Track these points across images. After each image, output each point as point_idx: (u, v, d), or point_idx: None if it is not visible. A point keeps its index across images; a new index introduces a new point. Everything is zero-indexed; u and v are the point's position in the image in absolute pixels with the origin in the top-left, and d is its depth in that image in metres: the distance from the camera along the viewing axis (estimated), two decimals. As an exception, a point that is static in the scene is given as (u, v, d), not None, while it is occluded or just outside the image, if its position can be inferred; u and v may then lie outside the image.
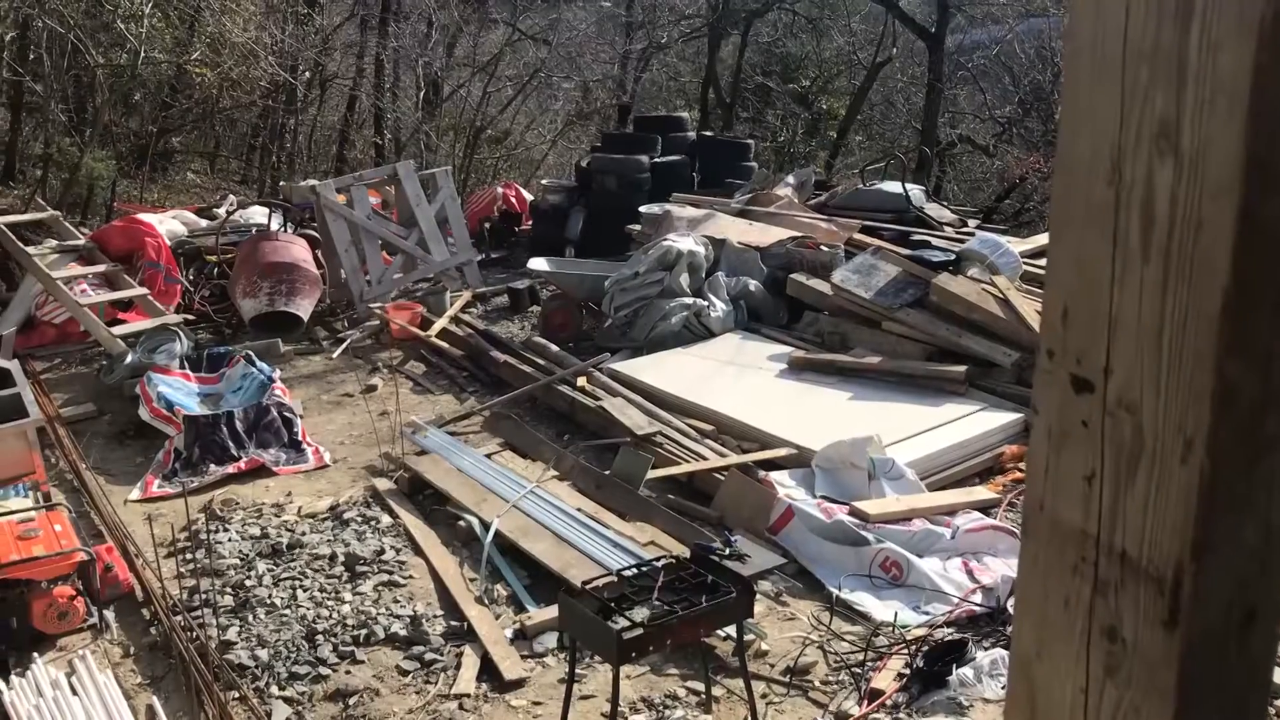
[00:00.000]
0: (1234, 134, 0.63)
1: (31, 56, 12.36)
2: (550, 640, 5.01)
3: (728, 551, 4.54)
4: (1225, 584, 0.70)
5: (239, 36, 12.25)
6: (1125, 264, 0.69)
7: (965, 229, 9.49)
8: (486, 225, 12.36)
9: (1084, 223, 0.71)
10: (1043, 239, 9.48)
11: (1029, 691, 0.79)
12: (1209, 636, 0.70)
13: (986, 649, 4.67)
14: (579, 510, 5.99)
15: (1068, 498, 0.75)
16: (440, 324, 9.03)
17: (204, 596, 5.27)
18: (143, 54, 11.54)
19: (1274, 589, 0.72)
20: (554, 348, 8.32)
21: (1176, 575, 0.69)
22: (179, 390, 7.63)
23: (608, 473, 6.39)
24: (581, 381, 7.66)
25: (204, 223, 10.93)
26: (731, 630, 4.57)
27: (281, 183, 12.87)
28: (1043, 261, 8.69)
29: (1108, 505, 0.73)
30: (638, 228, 10.29)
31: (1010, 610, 4.73)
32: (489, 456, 6.71)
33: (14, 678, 4.73)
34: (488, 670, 4.84)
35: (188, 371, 7.95)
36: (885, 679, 4.58)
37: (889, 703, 4.46)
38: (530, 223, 12.34)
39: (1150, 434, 0.69)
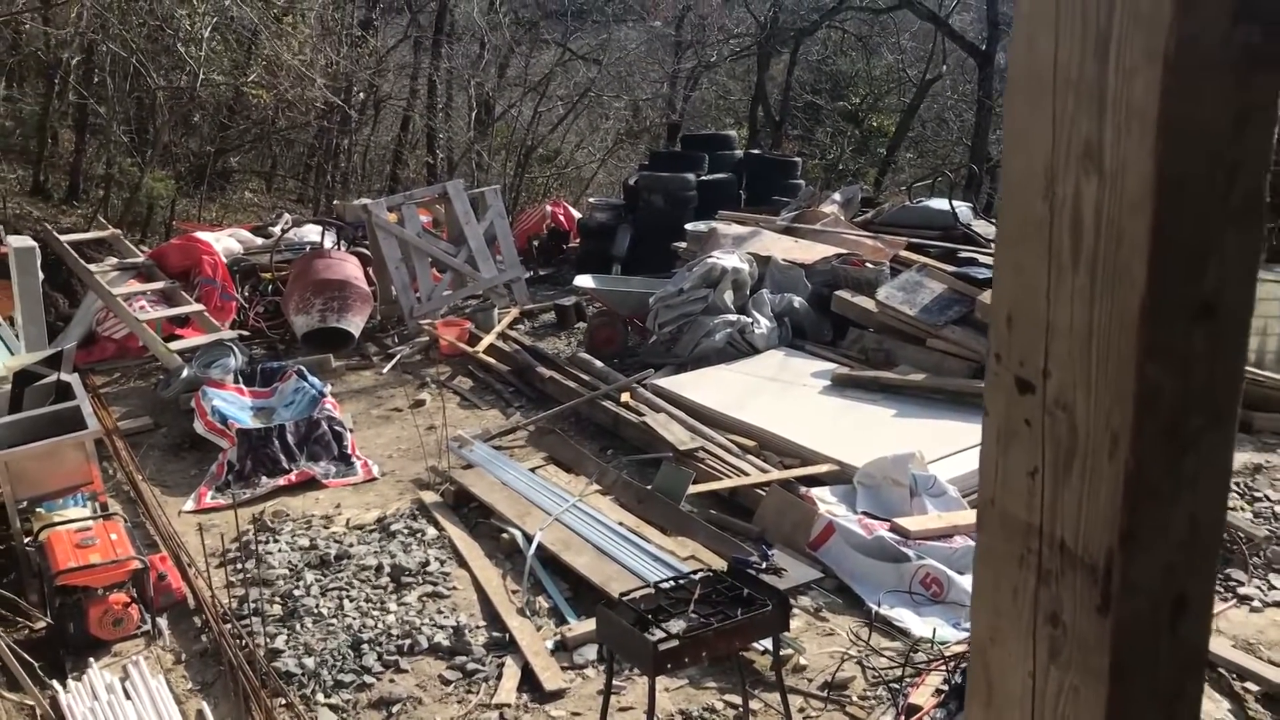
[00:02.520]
0: (1147, 153, 0.68)
1: (95, 80, 12.73)
2: (591, 652, 5.06)
3: (764, 565, 4.57)
4: (1154, 572, 0.75)
5: (294, 59, 12.53)
6: (1058, 274, 0.74)
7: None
8: (535, 243, 12.51)
9: (1023, 236, 0.76)
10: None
11: (985, 677, 0.84)
12: (1140, 621, 0.75)
13: (1025, 666, 4.65)
14: (620, 524, 6.05)
15: (1014, 493, 0.80)
16: (488, 340, 9.15)
17: (253, 605, 5.40)
18: (201, 76, 11.85)
19: (1203, 578, 0.77)
20: (598, 363, 8.41)
21: (1107, 564, 0.74)
22: (232, 404, 7.80)
23: (649, 487, 6.45)
24: (625, 397, 7.73)
25: (259, 241, 11.17)
26: (768, 644, 4.60)
27: (335, 201, 13.11)
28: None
29: (1048, 499, 0.78)
30: (684, 245, 10.37)
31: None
32: (533, 470, 6.80)
33: (70, 681, 4.87)
34: (528, 681, 4.90)
35: (241, 386, 8.13)
36: (923, 695, 4.58)
37: (927, 719, 4.46)
38: (578, 240, 12.46)
39: (1083, 432, 0.74)
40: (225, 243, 10.64)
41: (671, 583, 4.44)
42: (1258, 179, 0.71)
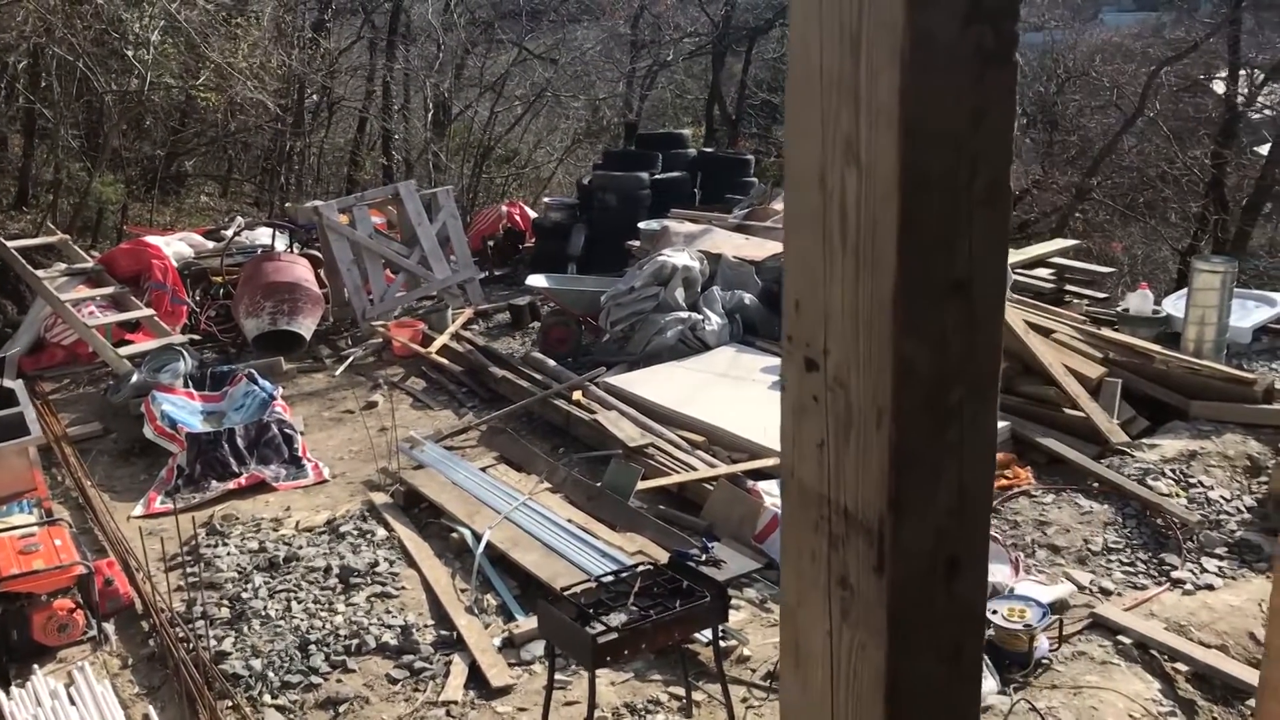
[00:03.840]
0: (892, 148, 0.73)
1: (43, 84, 12.62)
2: (538, 648, 5.11)
3: (704, 558, 4.63)
4: (925, 536, 0.80)
5: (244, 61, 12.47)
6: (831, 259, 0.80)
7: (959, 240, 9.56)
8: (490, 243, 12.51)
9: (803, 225, 0.82)
10: (1035, 249, 9.57)
11: (794, 637, 0.90)
12: (914, 582, 0.80)
13: (963, 652, 4.74)
14: (570, 521, 6.10)
15: (807, 463, 0.86)
16: (441, 341, 9.16)
17: (201, 609, 5.41)
18: (149, 79, 11.77)
19: (974, 541, 0.83)
20: (551, 363, 8.44)
21: (881, 528, 0.79)
22: (183, 409, 7.78)
23: (599, 485, 6.50)
24: (577, 395, 7.78)
25: (211, 244, 11.12)
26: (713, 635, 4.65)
27: (287, 204, 13.06)
28: (1036, 271, 8.78)
29: (833, 469, 0.83)
30: (637, 244, 10.43)
31: (986, 612, 4.82)
32: (484, 470, 6.83)
33: (14, 689, 4.86)
34: (476, 678, 4.95)
35: (191, 390, 8.10)
36: (863, 682, 4.66)
37: (866, 705, 4.54)
38: (533, 240, 12.48)
39: (856, 406, 0.80)
40: (176, 247, 10.58)
41: (612, 577, 4.50)
42: (999, 168, 0.77)
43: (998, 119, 0.76)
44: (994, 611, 4.80)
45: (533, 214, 13.18)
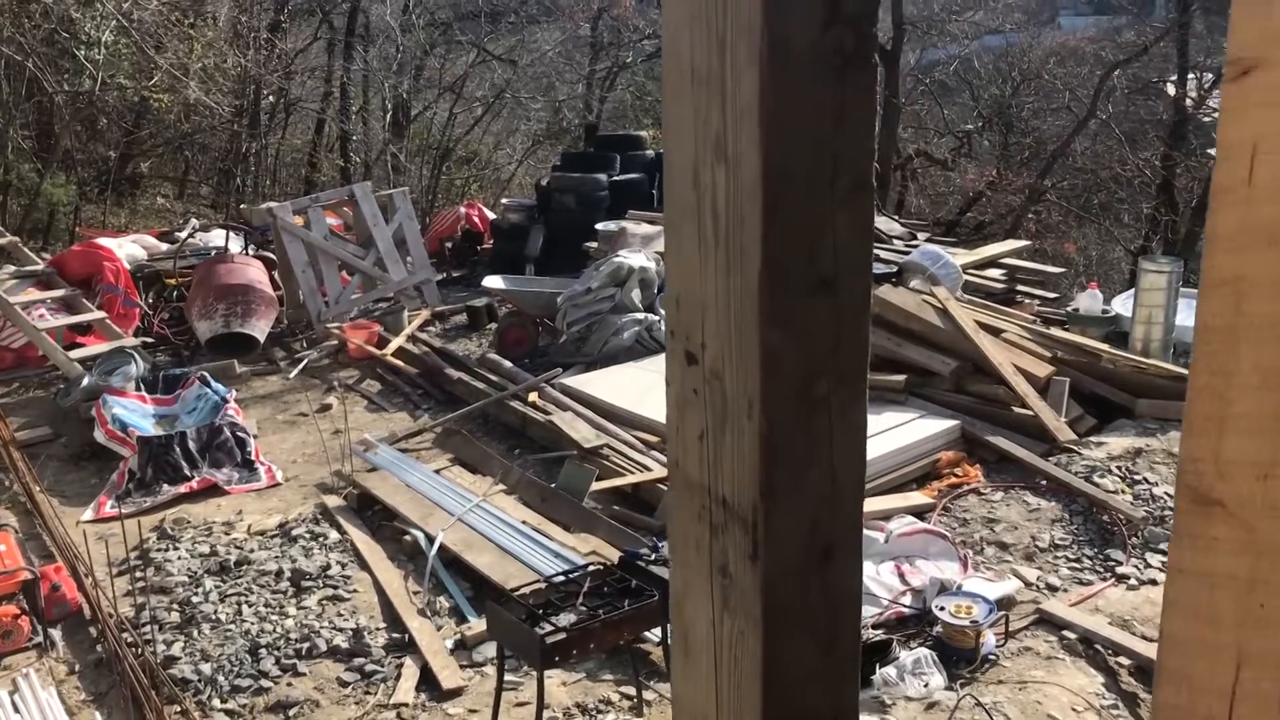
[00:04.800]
0: (755, 146, 0.75)
1: (-9, 85, 12.46)
2: (490, 650, 5.10)
3: (654, 557, 4.65)
4: (798, 523, 0.82)
5: (198, 63, 12.36)
6: (706, 255, 0.82)
7: (914, 242, 9.65)
8: (448, 245, 12.48)
9: (681, 220, 0.84)
10: (988, 250, 9.67)
11: (683, 627, 0.91)
12: (788, 569, 0.82)
13: (911, 649, 4.80)
14: (524, 523, 6.10)
15: (690, 455, 0.88)
16: (396, 343, 9.13)
17: (151, 613, 5.36)
18: (100, 79, 11.64)
19: (848, 529, 0.85)
20: (507, 364, 8.44)
21: (754, 517, 0.81)
22: (134, 412, 7.71)
23: (553, 486, 6.50)
24: (533, 397, 7.78)
25: (165, 246, 11.01)
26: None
27: (242, 206, 12.96)
28: (988, 272, 8.88)
29: (712, 459, 0.85)
30: (595, 245, 10.44)
31: (934, 609, 4.88)
32: (438, 472, 6.82)
33: (-43, 696, 4.80)
34: (427, 680, 4.94)
35: (143, 393, 8.02)
36: (812, 679, 4.69)
37: (815, 702, 4.57)
38: (491, 241, 12.46)
39: (731, 397, 0.82)
40: (129, 249, 10.47)
41: (562, 577, 4.51)
42: (862, 165, 0.79)
43: (859, 119, 0.78)
44: (942, 608, 4.85)
45: (491, 215, 13.16)
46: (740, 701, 0.86)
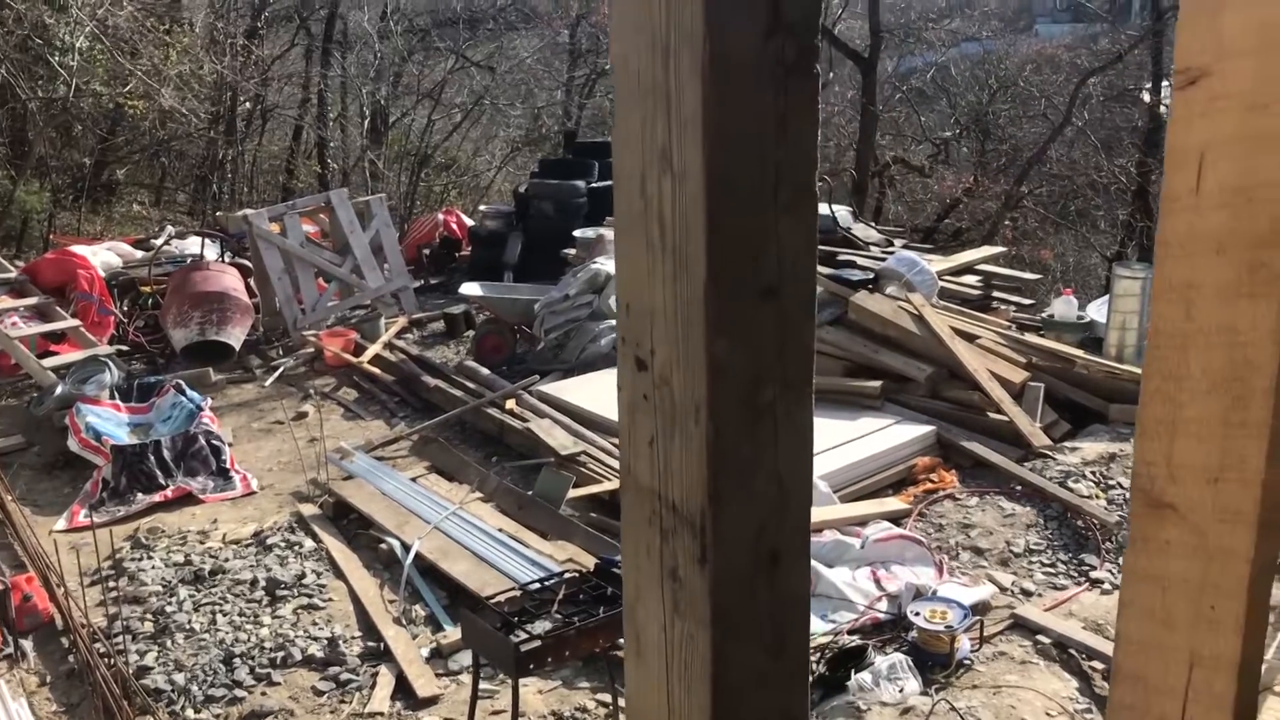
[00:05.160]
0: (699, 156, 0.76)
1: (-37, 92, 12.38)
2: (466, 658, 5.08)
3: (630, 564, 4.66)
4: (745, 528, 0.83)
5: (173, 69, 12.31)
6: (654, 262, 0.83)
7: (890, 248, 9.70)
8: (426, 252, 12.46)
9: (630, 228, 0.85)
10: (964, 256, 9.73)
11: (635, 631, 0.92)
12: (735, 573, 0.83)
13: (887, 654, 4.81)
14: (500, 531, 6.09)
15: (640, 460, 0.88)
16: (373, 350, 9.11)
17: (124, 623, 5.33)
18: (74, 86, 11.58)
19: (795, 533, 0.86)
20: (485, 371, 8.43)
21: (702, 521, 0.82)
22: (108, 421, 7.66)
23: (530, 493, 6.50)
24: (510, 404, 7.77)
25: (140, 254, 10.96)
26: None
27: (218, 213, 12.92)
28: (964, 278, 8.93)
29: (662, 464, 0.86)
30: (573, 251, 10.44)
31: (909, 615, 4.90)
32: (414, 480, 6.80)
33: (-73, 708, 4.76)
34: (402, 689, 4.92)
35: (118, 402, 7.98)
36: (788, 685, 4.70)
37: (791, 708, 4.58)
38: (470, 248, 12.45)
39: (679, 403, 0.83)
40: (103, 256, 10.42)
41: (538, 584, 4.51)
42: (806, 174, 0.80)
43: (801, 128, 0.79)
44: (916, 614, 4.88)
45: (469, 222, 13.15)
46: (690, 704, 0.86)
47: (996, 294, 9.01)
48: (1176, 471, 1.18)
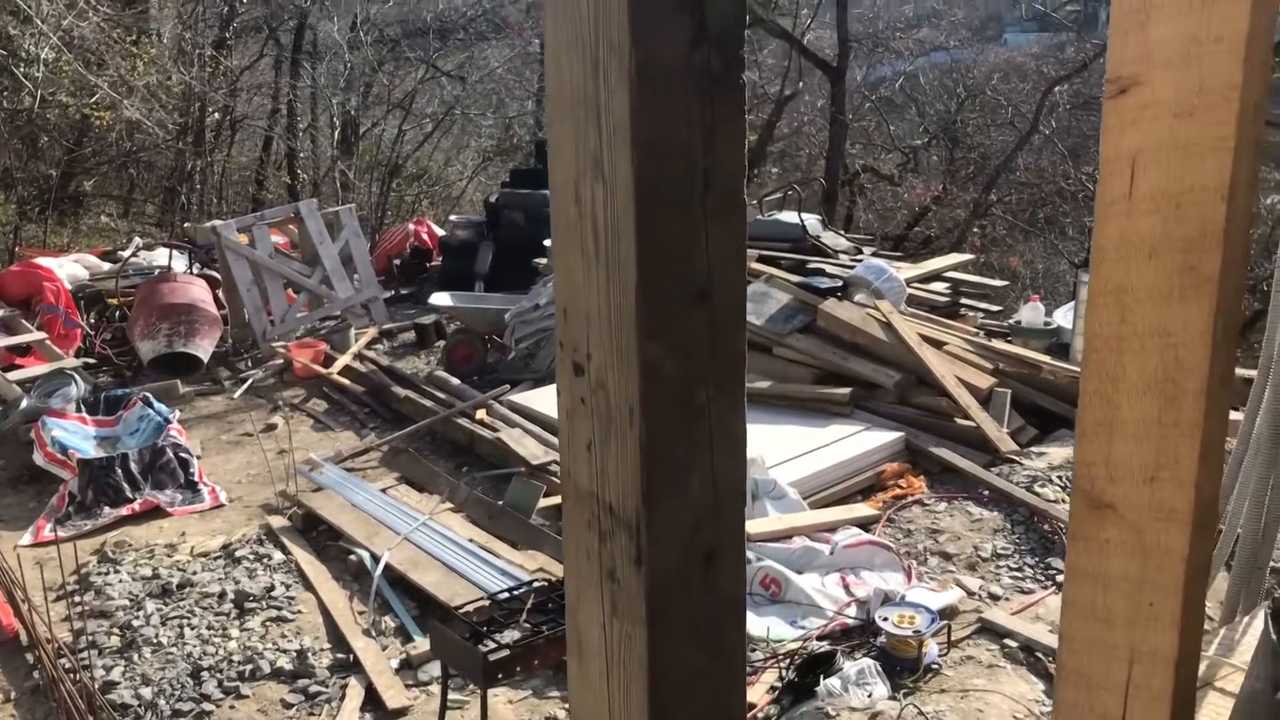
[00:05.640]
0: (627, 163, 0.78)
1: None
2: (436, 669, 5.06)
3: (599, 572, 4.66)
4: (680, 528, 0.85)
5: (140, 80, 12.25)
6: (589, 268, 0.84)
7: (859, 256, 9.75)
8: (396, 262, 12.44)
9: (566, 236, 0.86)
10: (932, 264, 9.80)
11: (577, 635, 0.93)
12: (671, 573, 0.85)
13: (855, 660, 4.83)
14: (471, 541, 6.08)
15: (579, 463, 0.90)
16: (343, 361, 9.08)
17: (90, 638, 5.28)
18: (39, 97, 11.49)
19: (730, 533, 0.87)
20: (455, 381, 8.42)
21: (638, 523, 0.83)
22: (74, 434, 7.60)
23: (501, 503, 6.49)
24: (481, 414, 7.76)
25: (107, 266, 10.89)
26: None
27: (186, 224, 12.84)
28: (932, 286, 8.99)
29: (600, 467, 0.87)
30: (544, 261, 10.44)
31: (877, 620, 4.93)
32: (384, 491, 6.78)
33: (-112, 726, 4.70)
34: (372, 700, 4.90)
35: (84, 415, 7.92)
36: (758, 692, 4.72)
37: (761, 715, 4.60)
38: (440, 258, 12.43)
39: (614, 406, 0.84)
40: (70, 269, 10.34)
41: (506, 594, 4.51)
42: (734, 181, 0.82)
43: (728, 136, 0.81)
44: (885, 619, 4.90)
45: (440, 232, 13.14)
46: (629, 705, 0.88)
47: (964, 301, 9.09)
48: (1115, 472, 1.20)
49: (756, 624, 5.22)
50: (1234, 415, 5.69)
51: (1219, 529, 1.99)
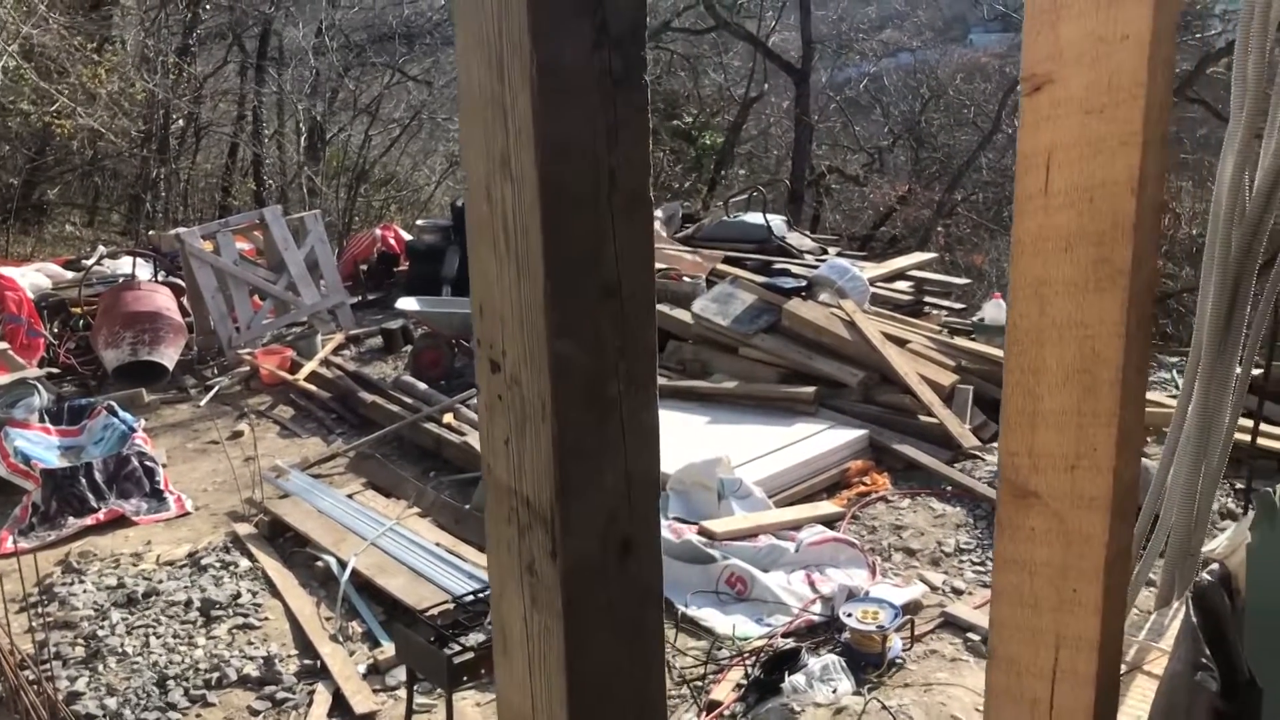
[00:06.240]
0: (532, 163, 0.80)
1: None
2: (403, 673, 5.06)
3: (565, 574, 4.67)
4: (595, 520, 0.87)
5: (102, 88, 12.15)
6: (501, 266, 0.86)
7: (824, 256, 9.82)
8: (363, 267, 12.39)
9: (480, 235, 0.88)
10: (896, 263, 9.87)
11: (501, 629, 0.95)
12: (586, 564, 0.87)
13: (820, 656, 4.87)
14: (438, 545, 6.07)
15: (498, 458, 0.92)
16: (309, 367, 9.05)
17: (54, 649, 5.25)
18: (-1, 106, 11.40)
19: (645, 524, 0.89)
20: (422, 386, 8.41)
21: (552, 515, 0.85)
22: (38, 444, 7.54)
23: (468, 506, 6.49)
24: (448, 418, 7.76)
25: (70, 275, 10.80)
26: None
27: (150, 232, 12.75)
28: (896, 284, 9.05)
29: (517, 462, 0.89)
30: (510, 265, 10.43)
31: (842, 616, 4.96)
32: (351, 497, 6.76)
33: None
34: (340, 706, 4.89)
35: (47, 425, 7.86)
36: (724, 690, 4.74)
37: (727, 713, 4.62)
38: (407, 263, 12.40)
39: (529, 402, 0.86)
40: (32, 278, 10.25)
41: (471, 596, 4.51)
42: (640, 180, 0.84)
43: (632, 135, 0.83)
44: (849, 615, 4.94)
45: (408, 237, 13.10)
46: (550, 695, 0.89)
47: (928, 299, 9.16)
48: (1038, 461, 1.23)
49: (723, 622, 5.25)
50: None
51: (1155, 518, 2.04)
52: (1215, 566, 1.30)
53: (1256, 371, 4.79)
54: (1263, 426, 5.97)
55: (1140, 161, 1.08)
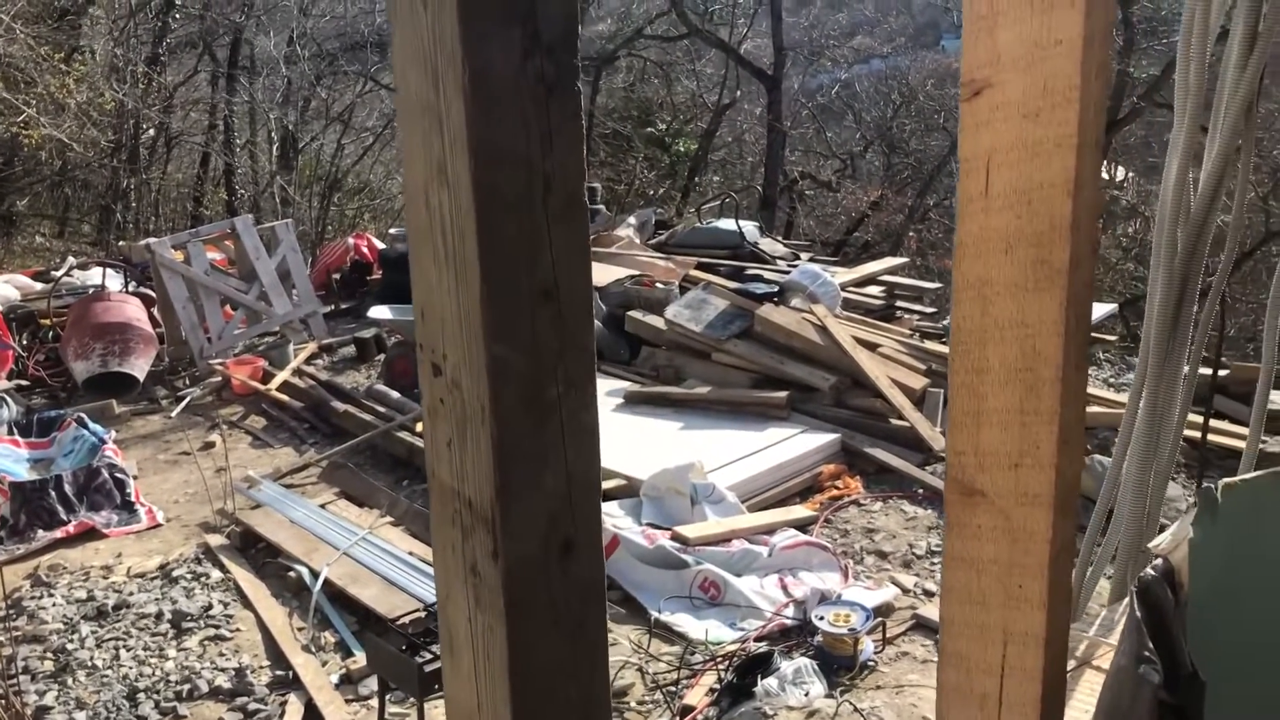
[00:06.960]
0: (467, 170, 0.81)
1: None
2: (375, 683, 5.06)
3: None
4: (536, 521, 0.88)
5: (71, 98, 12.08)
6: (440, 271, 0.87)
7: (796, 262, 9.86)
8: (336, 277, 12.35)
9: (420, 240, 0.89)
10: (867, 267, 9.93)
11: (448, 628, 0.96)
12: (528, 564, 0.88)
13: (793, 659, 4.88)
14: (410, 554, 6.06)
15: (441, 461, 0.93)
16: (281, 377, 9.01)
17: (22, 664, 5.20)
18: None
19: (588, 523, 0.91)
20: (394, 394, 8.38)
21: (493, 516, 0.86)
22: (6, 457, 7.48)
23: (441, 514, 6.48)
24: (420, 427, 7.73)
25: (39, 286, 10.72)
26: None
27: (121, 242, 12.68)
28: (867, 289, 9.10)
29: (459, 465, 0.90)
30: (483, 273, 10.43)
31: (814, 619, 4.99)
32: (323, 506, 6.74)
33: None
34: (312, 716, 4.87)
35: (16, 438, 7.80)
36: (697, 695, 4.75)
37: (700, 717, 4.63)
38: (380, 272, 12.37)
39: (469, 405, 0.87)
40: (0, 289, 10.17)
41: (443, 604, 4.50)
42: (575, 185, 0.85)
43: (566, 141, 0.84)
44: (821, 618, 4.96)
45: (381, 246, 13.07)
46: (494, 695, 0.90)
47: (900, 304, 9.21)
48: (984, 459, 1.25)
49: (696, 627, 5.27)
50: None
51: (1108, 516, 2.06)
52: (1159, 561, 1.32)
53: (1207, 370, 4.85)
54: (1218, 424, 6.04)
55: (1076, 164, 1.10)
